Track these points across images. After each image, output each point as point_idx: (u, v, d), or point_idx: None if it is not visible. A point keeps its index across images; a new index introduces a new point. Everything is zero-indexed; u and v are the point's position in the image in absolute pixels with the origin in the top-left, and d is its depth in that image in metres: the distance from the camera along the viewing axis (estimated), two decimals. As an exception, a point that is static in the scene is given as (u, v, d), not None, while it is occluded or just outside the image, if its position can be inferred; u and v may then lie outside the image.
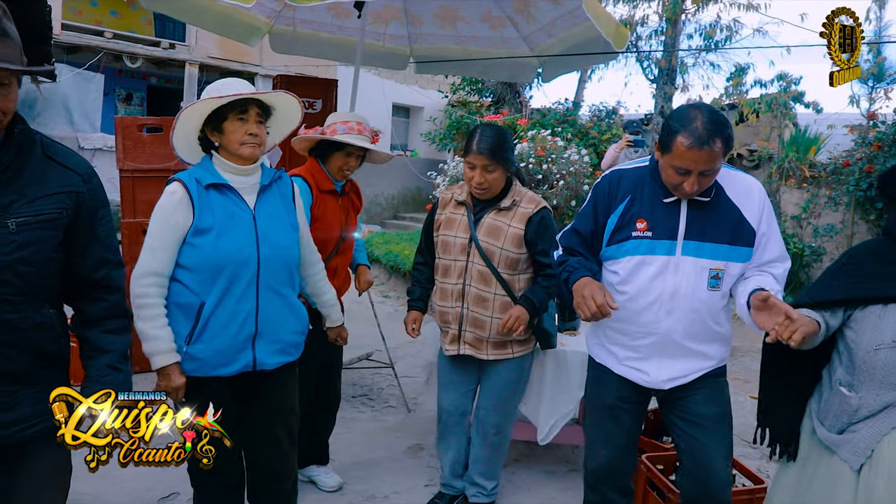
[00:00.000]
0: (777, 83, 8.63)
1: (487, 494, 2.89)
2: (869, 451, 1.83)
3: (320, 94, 4.76)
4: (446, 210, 2.77)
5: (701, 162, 1.91)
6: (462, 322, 2.67)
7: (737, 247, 2.05)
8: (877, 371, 1.83)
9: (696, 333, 2.10)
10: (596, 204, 2.18)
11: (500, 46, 4.74)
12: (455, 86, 12.36)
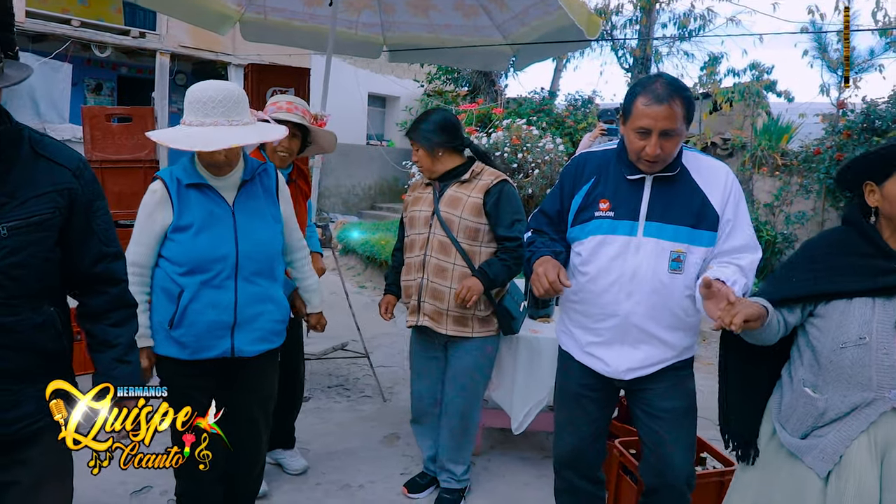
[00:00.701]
0: (750, 72, 8.71)
1: (458, 480, 2.93)
2: (837, 458, 1.71)
3: (292, 82, 4.71)
4: (415, 191, 2.91)
5: (660, 119, 1.91)
6: (422, 293, 2.72)
7: (700, 230, 2.02)
8: (843, 370, 1.71)
9: (659, 318, 2.06)
10: (562, 185, 2.20)
11: (473, 35, 4.73)
12: (431, 75, 12.32)
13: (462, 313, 2.71)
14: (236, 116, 2.02)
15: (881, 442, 1.67)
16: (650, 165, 2.00)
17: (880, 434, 1.67)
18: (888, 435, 1.66)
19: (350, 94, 13.54)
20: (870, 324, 1.68)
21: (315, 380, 4.41)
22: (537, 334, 3.07)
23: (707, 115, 9.42)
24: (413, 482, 3.03)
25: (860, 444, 1.68)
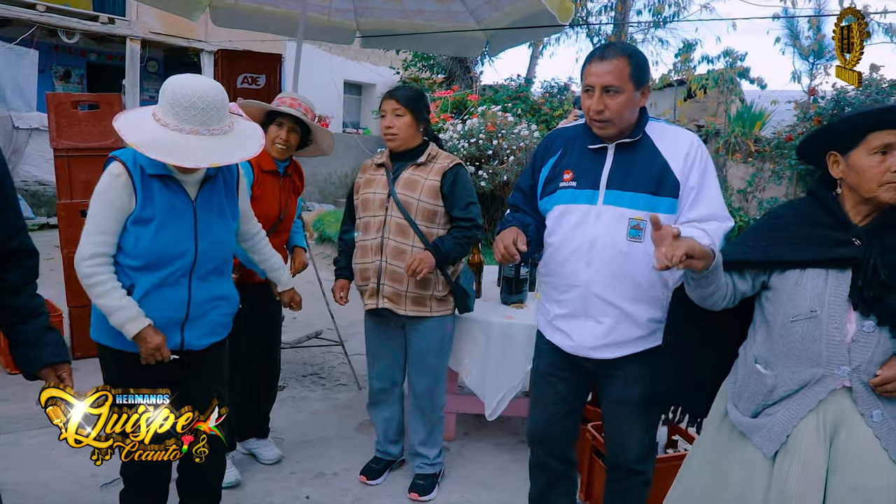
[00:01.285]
0: (723, 59, 8.78)
1: (432, 464, 2.96)
2: (784, 437, 1.67)
3: (264, 69, 4.65)
4: (366, 173, 2.87)
5: (602, 74, 1.95)
6: (381, 275, 2.71)
7: (660, 197, 2.00)
8: (794, 345, 1.66)
9: (620, 287, 2.04)
10: (534, 160, 2.25)
11: (446, 20, 4.69)
12: (407, 62, 12.23)
13: (420, 294, 2.73)
14: (216, 124, 1.93)
15: (830, 422, 1.63)
16: (600, 127, 2.03)
17: (829, 413, 1.63)
18: (838, 414, 1.62)
19: (325, 82, 13.42)
20: (822, 296, 1.63)
21: (290, 368, 4.38)
22: (511, 320, 3.07)
23: (682, 102, 9.48)
24: (369, 469, 3.03)
25: (808, 424, 1.64)
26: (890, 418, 1.60)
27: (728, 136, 8.38)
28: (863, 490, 1.57)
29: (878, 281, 1.57)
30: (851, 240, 1.64)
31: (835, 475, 1.60)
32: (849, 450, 1.60)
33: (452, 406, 3.40)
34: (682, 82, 9.26)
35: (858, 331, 1.60)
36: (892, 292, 1.57)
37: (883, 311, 1.57)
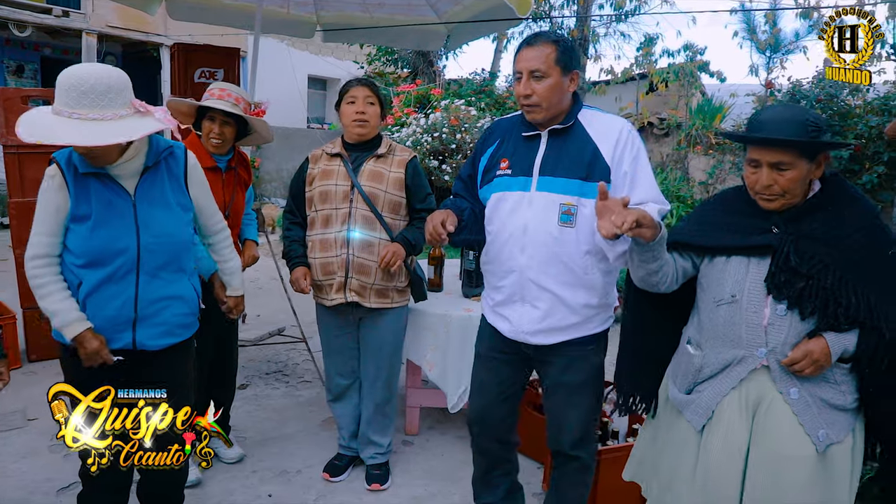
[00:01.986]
0: (684, 53, 8.90)
1: (384, 452, 2.98)
2: (710, 413, 1.78)
3: (222, 63, 4.58)
4: (319, 164, 2.81)
5: (528, 60, 2.03)
6: (348, 269, 2.69)
7: (591, 182, 2.01)
8: (718, 328, 1.76)
9: (553, 272, 2.08)
10: (476, 150, 2.31)
11: (407, 13, 4.68)
12: (371, 56, 12.15)
13: (385, 286, 2.75)
14: (106, 109, 1.84)
15: (752, 398, 1.73)
16: (530, 111, 2.08)
17: (751, 390, 1.73)
18: (758, 391, 1.72)
19: (289, 77, 13.27)
20: (742, 282, 1.73)
21: (253, 367, 4.34)
22: (471, 313, 3.08)
23: (644, 96, 9.59)
24: (332, 466, 3.02)
25: (731, 400, 1.75)
26: (807, 395, 1.68)
27: (689, 128, 8.50)
28: (779, 460, 1.67)
29: (788, 267, 1.67)
30: (771, 228, 1.73)
31: (755, 447, 1.71)
32: (768, 424, 1.70)
33: (416, 400, 3.41)
34: (644, 76, 9.37)
35: (773, 314, 1.69)
36: (802, 278, 1.65)
37: (792, 296, 1.66)
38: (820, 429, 1.67)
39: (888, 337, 1.61)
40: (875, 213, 1.74)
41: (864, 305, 1.62)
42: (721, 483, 1.73)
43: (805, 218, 1.73)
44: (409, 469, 3.12)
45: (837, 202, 1.74)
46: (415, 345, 3.10)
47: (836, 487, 1.69)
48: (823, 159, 1.71)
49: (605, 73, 8.95)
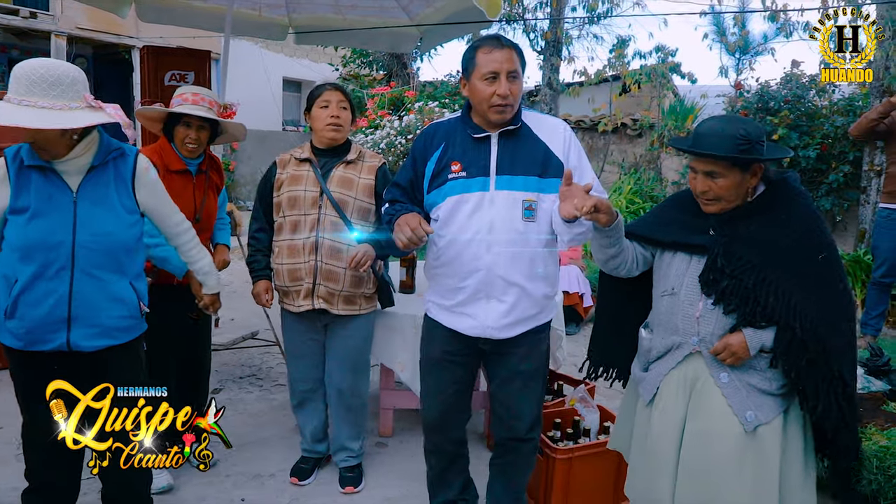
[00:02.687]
0: (655, 54, 8.98)
1: (357, 455, 2.99)
2: (655, 389, 2.00)
3: (192, 66, 4.55)
4: (287, 169, 2.78)
5: (505, 61, 2.08)
6: (316, 275, 2.68)
7: (547, 178, 2.15)
8: (662, 316, 1.97)
9: (519, 266, 2.17)
10: (414, 156, 2.30)
11: (380, 15, 4.70)
12: (346, 59, 12.12)
13: (352, 293, 2.74)
14: (56, 100, 1.86)
15: (690, 378, 1.93)
16: (502, 111, 2.11)
17: (689, 371, 1.93)
18: (695, 372, 1.92)
19: (263, 80, 13.19)
20: (682, 277, 1.92)
21: (227, 370, 4.31)
22: (444, 315, 3.09)
23: (617, 97, 9.67)
24: (299, 469, 3.00)
25: (671, 379, 1.96)
26: (736, 380, 1.86)
27: (662, 129, 8.60)
28: (710, 435, 1.86)
29: (715, 267, 1.84)
30: (708, 229, 1.90)
31: (690, 422, 1.91)
32: (701, 402, 1.90)
33: (389, 402, 3.41)
34: (617, 77, 9.44)
35: (705, 308, 1.88)
36: (726, 278, 1.82)
37: (717, 293, 1.84)
38: (748, 410, 1.83)
39: (800, 336, 1.76)
40: (813, 217, 1.87)
41: (782, 305, 1.77)
42: (661, 452, 1.94)
43: (743, 221, 1.87)
44: (384, 470, 3.12)
45: (779, 205, 1.87)
46: (386, 347, 3.11)
47: (767, 464, 1.83)
48: (758, 169, 1.85)
49: (579, 75, 8.99)
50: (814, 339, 1.76)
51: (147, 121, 2.83)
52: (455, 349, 2.32)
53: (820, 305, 1.79)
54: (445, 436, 2.45)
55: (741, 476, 1.82)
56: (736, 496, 1.82)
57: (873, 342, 4.33)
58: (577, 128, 9.76)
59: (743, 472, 1.82)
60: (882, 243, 4.45)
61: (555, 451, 2.69)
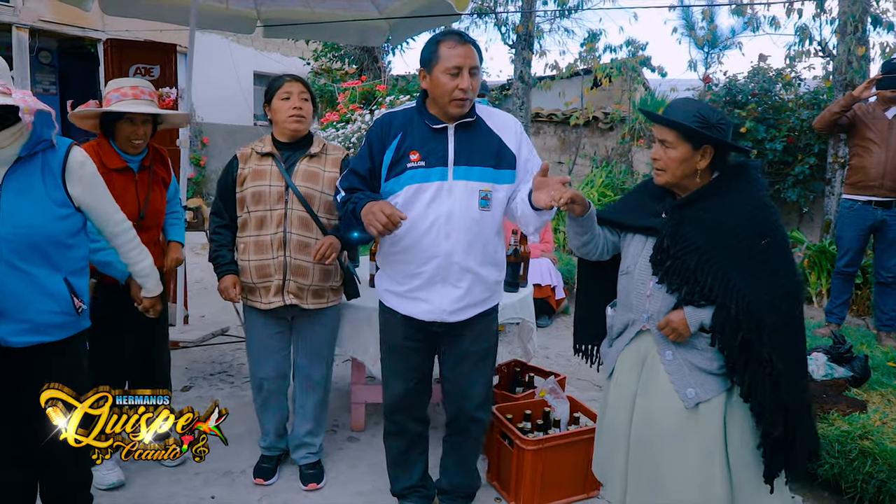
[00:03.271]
0: (626, 48, 9.05)
1: (317, 452, 2.99)
2: (614, 363, 2.12)
3: (157, 59, 4.46)
4: (250, 163, 2.73)
5: (468, 57, 2.17)
6: (286, 271, 2.67)
7: (501, 170, 2.27)
8: (621, 294, 2.10)
9: (475, 253, 2.29)
10: (371, 145, 2.34)
11: (348, 9, 4.66)
12: (317, 52, 12.01)
13: (321, 286, 2.75)
14: None
15: (641, 354, 2.04)
16: (462, 105, 2.19)
17: (641, 348, 2.04)
18: (645, 349, 2.03)
19: (234, 73, 13.04)
20: (637, 257, 2.04)
21: (197, 368, 4.27)
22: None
23: (588, 91, 9.73)
24: (262, 470, 2.96)
25: (627, 354, 2.08)
26: (679, 358, 1.96)
27: (633, 122, 8.68)
28: (654, 409, 1.97)
29: (662, 248, 1.95)
30: (662, 213, 2.00)
31: (639, 396, 2.02)
32: (649, 378, 2.01)
33: (361, 396, 3.41)
34: (588, 71, 9.47)
35: (654, 287, 1.98)
36: (671, 258, 1.92)
37: (662, 272, 1.94)
38: (689, 387, 1.92)
39: (734, 315, 1.84)
40: (760, 203, 1.94)
41: (720, 285, 1.86)
42: (615, 423, 2.07)
43: (693, 205, 1.97)
44: (356, 465, 3.12)
45: (729, 190, 1.95)
46: (356, 340, 3.10)
47: (709, 440, 1.90)
48: (708, 150, 1.93)
49: (550, 69, 9.00)
50: (748, 318, 1.83)
51: (80, 120, 2.71)
52: (413, 335, 2.41)
53: (758, 287, 1.85)
54: (409, 414, 2.54)
55: (684, 452, 1.91)
56: (679, 471, 1.91)
57: (837, 330, 4.43)
58: (549, 121, 9.81)
59: (685, 448, 1.91)
60: (845, 234, 4.54)
61: (525, 442, 2.71)
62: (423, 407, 2.57)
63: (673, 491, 1.92)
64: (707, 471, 1.89)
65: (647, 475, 1.97)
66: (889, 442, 2.85)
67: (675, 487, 1.91)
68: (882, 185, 4.32)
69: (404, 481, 2.64)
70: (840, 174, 6.28)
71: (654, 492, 1.95)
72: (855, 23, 6.06)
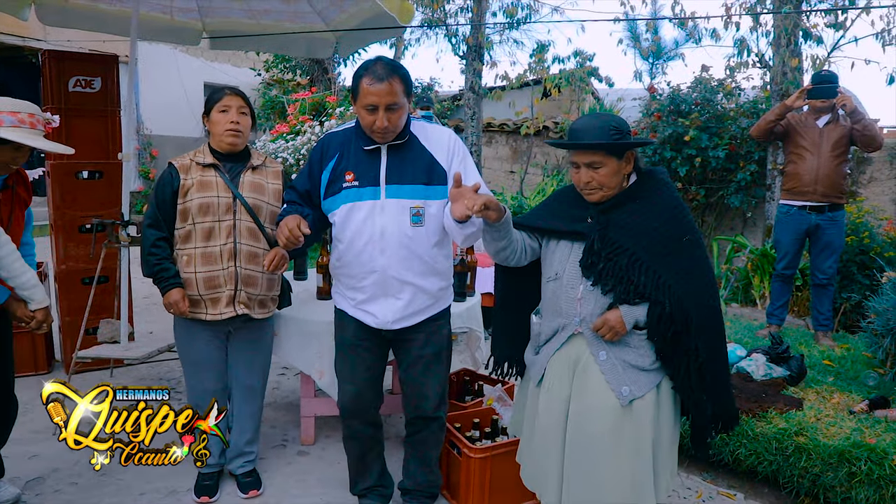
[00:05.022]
0: (574, 59, 9.22)
1: (253, 460, 3.00)
2: (543, 370, 2.14)
3: (99, 71, 4.36)
4: (192, 174, 2.69)
5: (384, 95, 2.22)
6: (237, 281, 2.68)
7: (432, 186, 2.34)
8: (548, 300, 2.12)
9: (411, 267, 2.36)
10: (311, 164, 2.46)
11: (294, 21, 4.64)
12: (268, 63, 11.93)
13: (266, 295, 2.80)
14: None
15: (573, 358, 2.07)
16: (383, 135, 2.29)
17: (572, 352, 2.07)
18: (577, 353, 2.06)
19: (183, 84, 12.85)
20: (564, 262, 2.07)
21: (146, 385, 4.17)
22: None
23: (538, 101, 9.88)
24: (204, 487, 2.90)
25: (558, 359, 2.10)
26: (613, 357, 2.01)
27: (582, 132, 8.82)
28: (590, 410, 2.01)
29: (594, 251, 2.00)
30: (587, 218, 2.06)
31: (573, 400, 2.05)
32: (583, 379, 2.04)
33: (310, 409, 3.39)
34: (538, 81, 9.63)
35: (584, 290, 2.03)
36: (603, 260, 1.99)
37: (595, 275, 2.00)
38: (623, 385, 1.98)
39: (668, 310, 1.94)
40: (677, 204, 2.06)
41: (652, 283, 1.95)
42: (549, 428, 2.08)
43: (616, 209, 2.05)
44: (306, 479, 3.10)
45: (647, 193, 2.06)
46: (303, 353, 3.09)
47: (642, 435, 1.98)
48: (631, 156, 2.04)
49: (501, 79, 9.13)
50: (680, 312, 1.94)
51: None
52: (364, 336, 2.50)
53: (685, 283, 1.97)
54: (362, 419, 2.60)
55: (619, 448, 1.97)
56: (615, 468, 1.97)
57: (777, 331, 4.59)
58: (500, 131, 9.92)
59: (620, 445, 1.97)
60: (782, 238, 4.70)
61: (472, 450, 2.73)
62: (374, 410, 2.63)
63: (609, 491, 1.97)
64: (639, 467, 1.97)
65: (583, 477, 2.00)
66: (822, 437, 2.96)
67: (611, 486, 1.97)
68: (816, 191, 4.48)
69: (363, 482, 2.75)
70: (779, 180, 6.50)
71: (590, 492, 1.99)
72: (788, 36, 6.31)
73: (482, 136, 9.48)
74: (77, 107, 4.27)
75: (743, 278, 6.26)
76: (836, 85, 4.46)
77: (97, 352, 3.66)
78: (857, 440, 2.89)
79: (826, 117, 4.51)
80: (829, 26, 6.64)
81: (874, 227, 5.59)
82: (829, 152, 4.45)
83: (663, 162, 7.22)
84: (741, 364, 3.82)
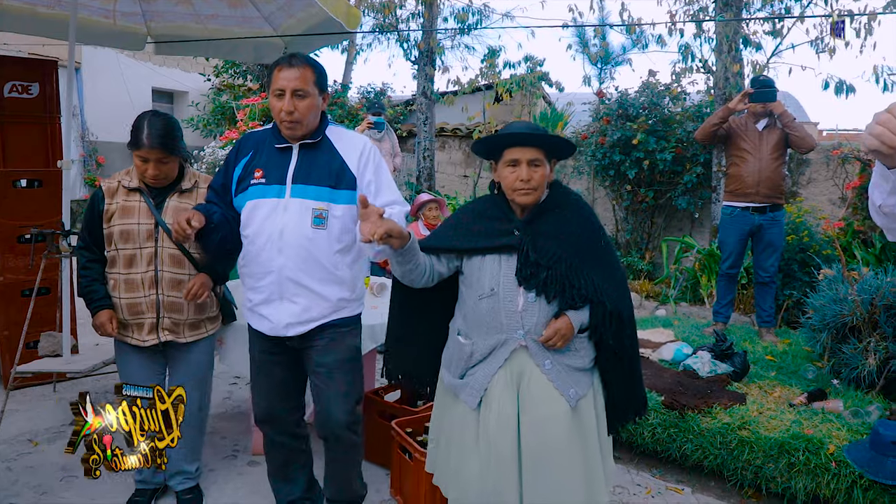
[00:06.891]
0: (525, 64, 9.31)
1: (194, 477, 2.94)
2: (483, 391, 2.04)
3: (37, 76, 4.24)
4: (117, 199, 2.65)
5: (292, 80, 2.22)
6: (160, 309, 2.62)
7: (339, 190, 2.31)
8: (483, 318, 2.04)
9: (309, 271, 2.29)
10: (227, 162, 2.45)
11: (242, 26, 4.59)
12: (219, 69, 11.74)
13: (197, 319, 2.73)
14: None
15: (516, 373, 2.03)
16: (291, 127, 2.26)
17: (515, 367, 2.03)
18: (520, 367, 2.03)
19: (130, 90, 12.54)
20: (497, 277, 2.02)
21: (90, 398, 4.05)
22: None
23: (490, 105, 9.95)
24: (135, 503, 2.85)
25: (499, 378, 2.03)
26: (557, 364, 2.02)
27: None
28: (543, 420, 1.98)
29: (530, 262, 1.99)
30: (513, 230, 2.05)
31: (523, 414, 2.00)
32: (530, 392, 2.01)
33: (261, 419, 3.33)
34: (489, 86, 9.70)
35: (526, 302, 2.01)
36: (543, 269, 1.98)
37: (538, 285, 1.98)
38: (570, 388, 2.01)
39: (609, 308, 2.01)
40: (588, 211, 2.16)
41: (591, 286, 2.00)
42: (501, 448, 1.98)
43: (538, 219, 2.08)
44: (257, 489, 3.06)
45: (561, 204, 2.11)
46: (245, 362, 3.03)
47: (588, 430, 2.04)
48: (554, 164, 2.10)
49: (453, 84, 9.19)
50: (615, 310, 2.03)
51: None
52: (270, 348, 2.43)
53: (612, 281, 2.07)
54: (276, 428, 2.53)
55: (573, 448, 1.99)
56: (571, 469, 1.98)
57: (722, 329, 4.72)
58: (454, 136, 9.96)
59: (573, 444, 1.99)
60: (727, 238, 4.84)
61: (424, 455, 2.72)
62: (292, 423, 2.55)
63: (568, 492, 1.97)
64: (591, 462, 2.02)
65: (545, 487, 1.97)
66: (764, 430, 3.06)
67: (570, 487, 1.97)
68: (758, 192, 4.63)
69: (286, 494, 2.65)
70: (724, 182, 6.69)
71: (552, 497, 1.97)
72: (729, 42, 6.50)
73: (435, 140, 9.51)
74: (13, 113, 4.15)
75: (691, 278, 6.41)
76: (775, 89, 4.62)
77: (38, 366, 3.55)
78: (795, 432, 3.00)
79: (765, 121, 4.67)
80: (767, 34, 6.88)
81: (813, 227, 5.79)
82: (768, 154, 4.61)
83: (612, 165, 7.35)
84: (687, 362, 3.91)
